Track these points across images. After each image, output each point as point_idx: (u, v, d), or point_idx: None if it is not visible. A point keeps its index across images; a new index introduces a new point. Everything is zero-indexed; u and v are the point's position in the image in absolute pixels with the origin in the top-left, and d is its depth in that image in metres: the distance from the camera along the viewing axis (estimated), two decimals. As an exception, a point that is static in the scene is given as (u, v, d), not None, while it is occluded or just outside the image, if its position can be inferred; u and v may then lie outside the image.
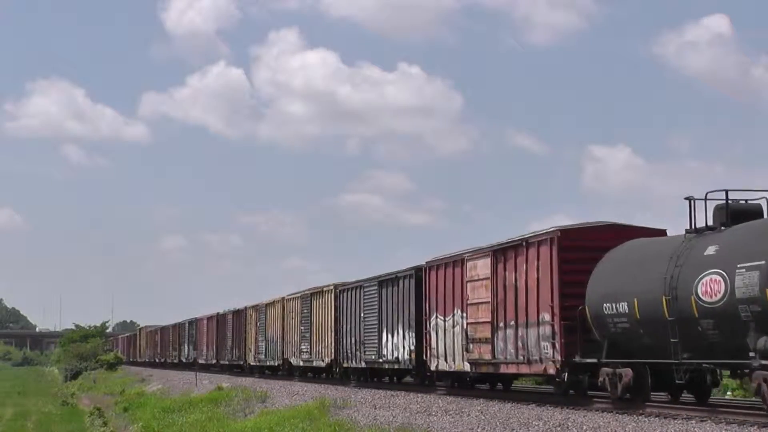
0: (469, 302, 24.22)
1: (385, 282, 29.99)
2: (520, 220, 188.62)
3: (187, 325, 65.48)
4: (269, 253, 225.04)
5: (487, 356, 23.19)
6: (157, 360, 78.54)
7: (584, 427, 16.10)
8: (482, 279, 23.52)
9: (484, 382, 26.24)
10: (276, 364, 43.14)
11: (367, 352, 31.38)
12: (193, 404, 30.29)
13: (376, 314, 30.41)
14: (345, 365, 33.76)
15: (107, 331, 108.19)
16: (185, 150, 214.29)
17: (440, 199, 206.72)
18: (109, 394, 48.69)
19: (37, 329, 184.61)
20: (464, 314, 24.45)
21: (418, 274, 27.52)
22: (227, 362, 53.04)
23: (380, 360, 30.23)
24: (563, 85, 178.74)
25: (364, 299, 31.65)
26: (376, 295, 30.55)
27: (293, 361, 40.14)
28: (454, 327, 25.15)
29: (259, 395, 29.30)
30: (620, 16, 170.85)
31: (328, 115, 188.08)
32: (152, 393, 41.27)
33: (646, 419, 16.77)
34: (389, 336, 29.51)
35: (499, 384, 25.89)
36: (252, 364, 47.44)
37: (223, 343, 53.84)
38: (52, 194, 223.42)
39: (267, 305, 44.53)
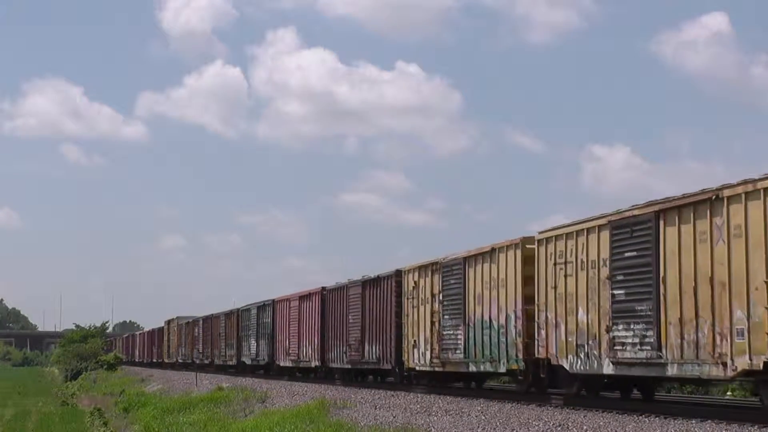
0: None
1: None
2: (519, 220, 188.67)
3: (255, 311, 45.58)
4: (269, 253, 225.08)
5: None
6: (197, 361, 58.69)
7: (584, 427, 15.74)
8: None
9: None
10: (503, 370, 22.98)
11: None
12: (193, 404, 29.31)
13: None
14: None
15: (107, 331, 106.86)
16: (183, 150, 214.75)
17: (440, 199, 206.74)
18: (109, 394, 47.41)
19: (38, 329, 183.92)
20: None
21: None
22: (348, 365, 33.33)
23: None
24: (562, 85, 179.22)
25: None
26: None
27: (567, 363, 19.94)
28: None
29: (259, 395, 28.09)
30: (619, 15, 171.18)
31: (326, 115, 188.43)
32: (152, 393, 40.04)
33: (646, 419, 16.37)
34: None
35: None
36: (420, 368, 27.40)
37: (336, 337, 34.45)
38: (51, 194, 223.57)
39: (471, 258, 24.11)
